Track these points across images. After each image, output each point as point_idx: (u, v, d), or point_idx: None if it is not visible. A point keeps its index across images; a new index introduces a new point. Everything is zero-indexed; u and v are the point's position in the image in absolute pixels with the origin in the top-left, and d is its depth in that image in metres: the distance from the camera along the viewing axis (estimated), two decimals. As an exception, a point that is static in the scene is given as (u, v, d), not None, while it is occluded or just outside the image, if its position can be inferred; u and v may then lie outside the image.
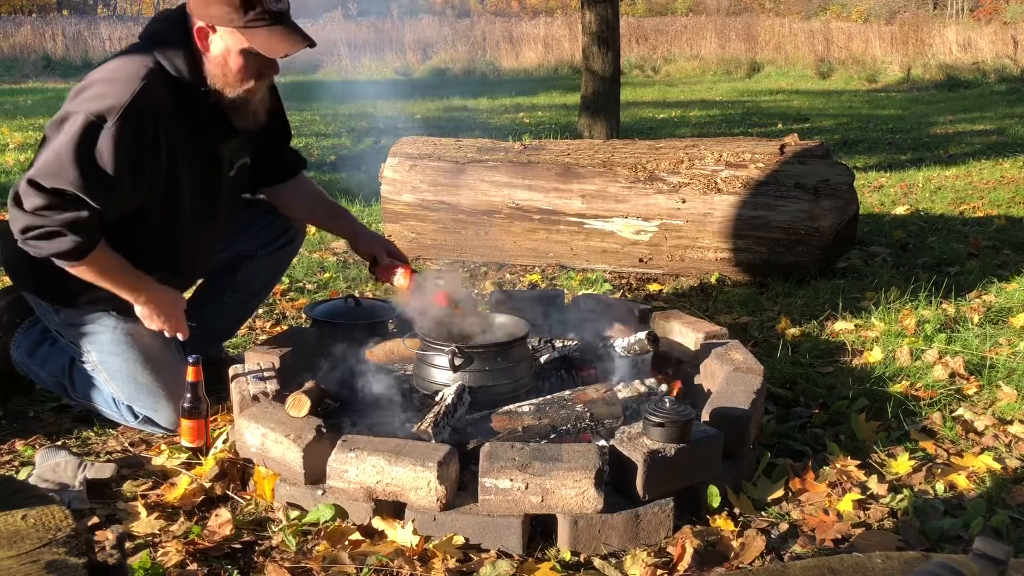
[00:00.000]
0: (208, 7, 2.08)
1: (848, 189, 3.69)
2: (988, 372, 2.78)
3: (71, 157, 2.01)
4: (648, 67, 18.13)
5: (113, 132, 2.02)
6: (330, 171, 6.90)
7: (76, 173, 2.01)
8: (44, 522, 1.06)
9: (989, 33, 16.42)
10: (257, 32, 2.08)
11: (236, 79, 2.14)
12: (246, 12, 2.06)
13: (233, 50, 2.11)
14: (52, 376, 2.47)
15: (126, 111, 2.02)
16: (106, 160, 2.03)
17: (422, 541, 1.81)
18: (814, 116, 10.56)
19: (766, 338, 3.16)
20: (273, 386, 2.25)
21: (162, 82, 2.10)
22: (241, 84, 2.15)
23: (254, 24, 2.07)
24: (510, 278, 4.04)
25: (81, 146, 2.01)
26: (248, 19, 2.06)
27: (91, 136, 2.02)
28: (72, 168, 2.01)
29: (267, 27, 2.08)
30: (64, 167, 2.02)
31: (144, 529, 1.92)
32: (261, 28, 2.07)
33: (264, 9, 2.06)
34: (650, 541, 1.86)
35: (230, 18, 2.06)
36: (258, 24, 2.07)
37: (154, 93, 2.08)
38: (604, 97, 7.56)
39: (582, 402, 2.14)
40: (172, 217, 2.27)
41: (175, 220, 2.29)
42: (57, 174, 2.02)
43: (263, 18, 2.07)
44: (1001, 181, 6.15)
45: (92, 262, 2.13)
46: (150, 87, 2.07)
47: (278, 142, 2.58)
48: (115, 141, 2.02)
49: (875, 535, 1.90)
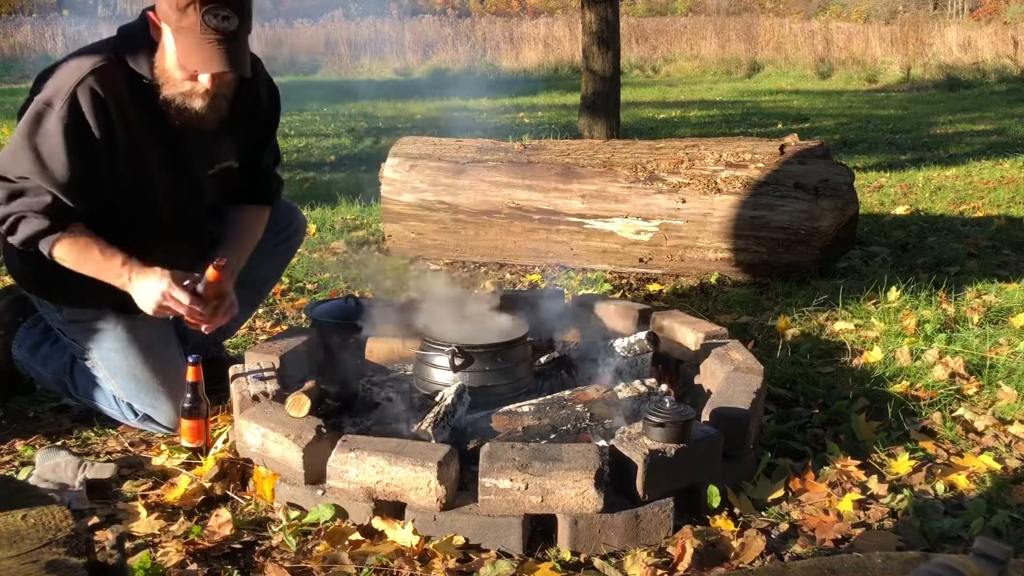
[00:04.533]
0: (160, 1, 2.06)
1: (848, 189, 3.70)
2: (988, 372, 2.78)
3: (22, 144, 2.05)
4: (648, 67, 18.13)
5: (59, 115, 2.04)
6: (330, 171, 6.90)
7: (28, 159, 2.05)
8: (44, 522, 1.06)
9: (989, 33, 16.41)
10: (186, 38, 2.02)
11: (172, 78, 2.10)
12: (181, 14, 2.00)
13: (168, 48, 2.08)
14: (54, 374, 2.47)
15: (71, 94, 2.04)
16: (54, 143, 2.05)
17: (422, 541, 1.81)
18: (814, 116, 10.56)
19: (766, 338, 3.16)
20: (273, 386, 2.25)
21: (118, 72, 2.09)
22: (176, 84, 2.10)
23: (185, 30, 2.01)
24: (510, 278, 4.04)
25: (30, 132, 2.05)
26: (181, 23, 2.01)
27: (39, 121, 2.05)
28: (24, 155, 2.05)
29: (198, 37, 2.01)
30: (17, 155, 2.06)
31: (144, 529, 1.92)
32: (191, 36, 2.01)
33: (200, 19, 1.99)
34: (650, 541, 1.86)
35: (168, 17, 2.04)
36: (189, 31, 2.01)
37: (105, 80, 2.07)
38: (604, 97, 7.55)
39: (582, 402, 2.14)
40: (146, 215, 2.25)
41: (149, 219, 2.27)
42: (12, 163, 2.07)
43: (196, 27, 2.00)
44: (1001, 181, 6.15)
45: (69, 243, 2.12)
46: (101, 73, 2.07)
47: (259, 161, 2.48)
48: (62, 124, 2.04)
49: (875, 535, 1.90)
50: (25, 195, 2.07)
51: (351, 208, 5.35)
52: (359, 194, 5.48)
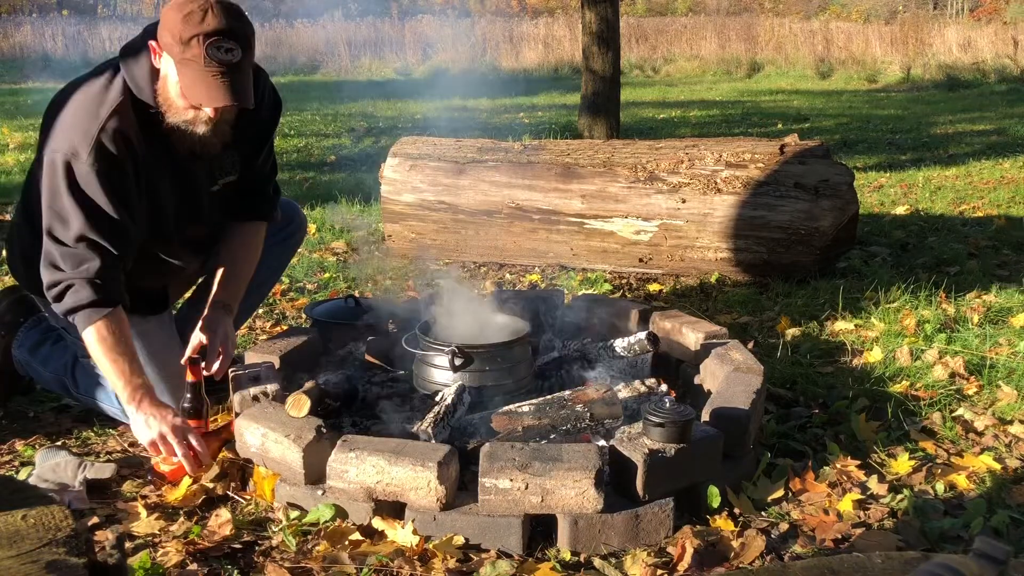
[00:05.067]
0: (162, 30, 2.04)
1: (848, 189, 3.70)
2: (988, 372, 2.78)
3: (66, 201, 2.03)
4: (648, 67, 18.13)
5: (89, 164, 2.02)
6: (330, 171, 6.90)
7: (76, 213, 2.03)
8: (44, 522, 1.06)
9: (989, 33, 16.42)
10: (189, 70, 2.01)
11: (174, 107, 2.09)
12: (185, 47, 2.00)
13: (170, 79, 2.06)
14: (54, 374, 2.47)
15: (96, 140, 2.02)
16: (93, 191, 2.04)
17: (422, 541, 1.81)
18: (814, 116, 10.56)
19: (766, 338, 3.16)
20: (273, 386, 2.25)
21: (127, 104, 2.09)
22: (180, 113, 2.09)
23: (188, 62, 2.01)
24: (510, 278, 4.04)
25: (69, 187, 2.03)
26: (184, 55, 2.00)
27: (70, 175, 2.03)
28: (71, 211, 2.03)
29: (201, 69, 2.00)
30: (64, 213, 2.04)
31: (144, 529, 1.92)
32: (194, 68, 2.01)
33: (204, 52, 1.99)
34: (650, 541, 1.86)
35: (172, 49, 2.02)
36: (192, 63, 2.00)
37: (123, 119, 2.07)
38: (604, 97, 7.56)
39: (582, 402, 2.14)
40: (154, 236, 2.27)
41: (157, 239, 2.28)
42: (62, 224, 2.05)
43: (199, 59, 1.99)
44: (1001, 181, 6.15)
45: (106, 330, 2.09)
46: (119, 114, 2.06)
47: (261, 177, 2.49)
48: (95, 171, 2.03)
49: (875, 535, 1.90)
50: (78, 261, 2.06)
51: (351, 208, 5.35)
52: (359, 194, 5.48)
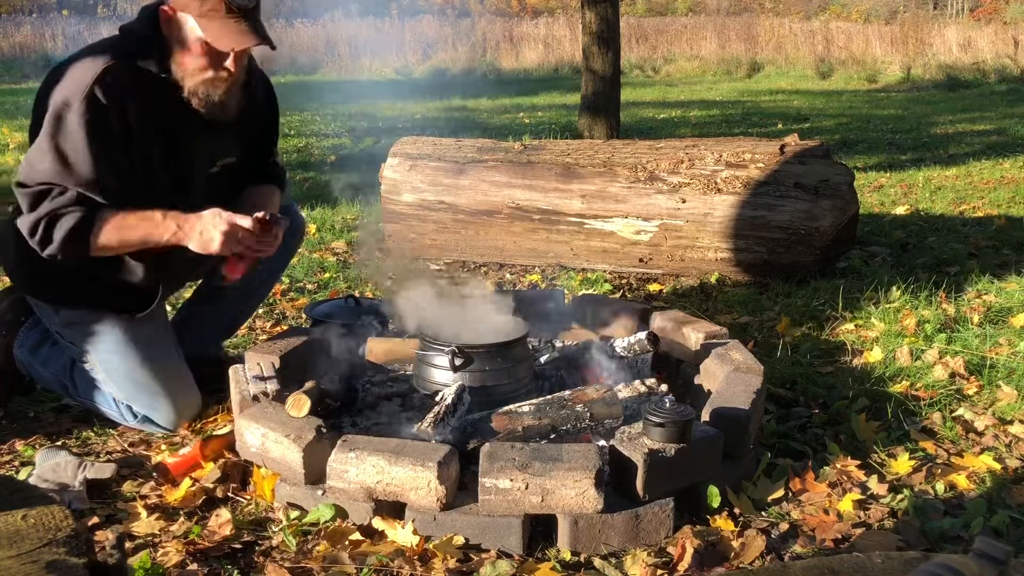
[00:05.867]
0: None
1: (848, 189, 3.69)
2: (988, 372, 2.78)
3: (45, 146, 2.06)
4: (648, 67, 18.13)
5: (79, 112, 2.04)
6: (330, 171, 6.90)
7: (49, 160, 2.06)
8: (44, 522, 1.06)
9: (989, 33, 16.43)
10: (212, 22, 2.08)
11: (193, 68, 2.13)
12: (203, 2, 2.06)
13: (190, 37, 2.11)
14: (54, 375, 2.47)
15: (89, 91, 2.05)
16: (77, 141, 2.06)
17: (422, 541, 1.81)
18: (814, 116, 10.56)
19: (766, 338, 3.15)
20: (273, 386, 2.25)
21: (128, 69, 2.11)
22: (199, 73, 2.14)
23: (210, 14, 2.07)
24: (510, 278, 4.04)
25: (52, 134, 2.05)
26: (205, 8, 2.07)
27: (59, 122, 2.05)
28: (46, 157, 2.06)
29: (223, 19, 2.08)
30: (39, 159, 2.07)
31: (144, 529, 1.92)
32: (216, 19, 2.07)
33: (223, 1, 2.06)
34: (650, 541, 1.86)
35: (189, 5, 2.08)
36: (214, 14, 2.07)
37: (118, 77, 2.09)
38: (604, 97, 7.56)
39: (582, 402, 2.14)
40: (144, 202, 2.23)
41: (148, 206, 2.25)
42: (32, 170, 2.07)
43: (220, 9, 2.07)
44: (1001, 181, 6.15)
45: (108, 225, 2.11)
46: (114, 71, 2.08)
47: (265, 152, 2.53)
48: (83, 121, 2.05)
49: (875, 535, 1.90)
50: (49, 197, 2.07)
51: (351, 208, 5.35)
52: (359, 194, 5.48)
